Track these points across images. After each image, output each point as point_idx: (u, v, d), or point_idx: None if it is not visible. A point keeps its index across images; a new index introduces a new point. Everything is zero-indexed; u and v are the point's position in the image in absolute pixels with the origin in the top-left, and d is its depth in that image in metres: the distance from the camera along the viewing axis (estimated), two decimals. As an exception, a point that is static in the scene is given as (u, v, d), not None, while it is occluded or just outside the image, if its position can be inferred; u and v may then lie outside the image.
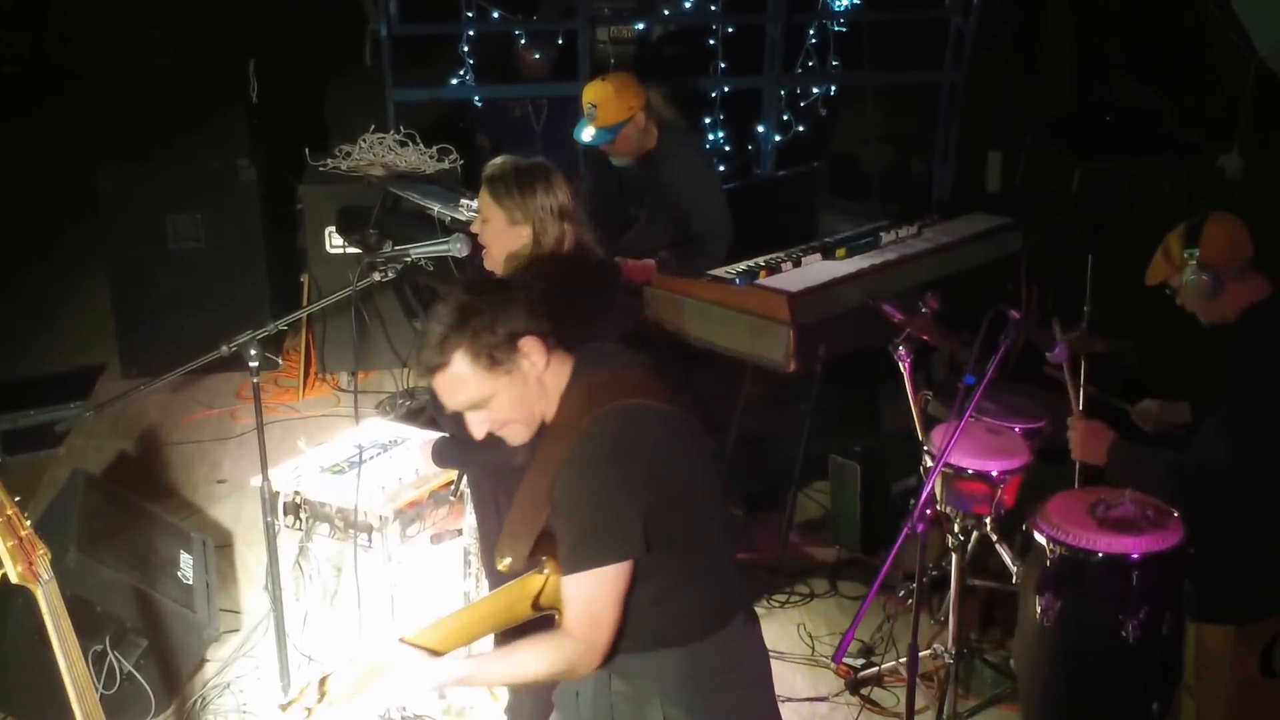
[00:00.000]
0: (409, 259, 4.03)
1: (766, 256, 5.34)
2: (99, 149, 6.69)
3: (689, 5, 7.93)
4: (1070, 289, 5.37)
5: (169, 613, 4.47)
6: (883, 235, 5.59)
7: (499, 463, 3.54)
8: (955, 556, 4.35)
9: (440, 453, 3.73)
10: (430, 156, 6.74)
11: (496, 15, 7.71)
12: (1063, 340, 4.01)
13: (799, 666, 4.63)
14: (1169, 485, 3.69)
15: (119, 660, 4.24)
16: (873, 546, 5.26)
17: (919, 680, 4.08)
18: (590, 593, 2.60)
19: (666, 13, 8.01)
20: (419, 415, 5.78)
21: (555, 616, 2.79)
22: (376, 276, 4.00)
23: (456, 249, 3.89)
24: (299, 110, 8.35)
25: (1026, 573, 3.86)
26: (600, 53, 7.69)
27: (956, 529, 4.35)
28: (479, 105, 8.06)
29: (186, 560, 4.84)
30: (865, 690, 4.53)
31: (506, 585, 2.79)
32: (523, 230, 3.54)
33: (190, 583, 4.74)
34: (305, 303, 6.59)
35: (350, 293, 4.02)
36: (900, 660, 4.47)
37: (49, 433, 6.30)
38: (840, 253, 5.38)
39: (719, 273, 5.16)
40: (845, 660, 4.57)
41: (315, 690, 2.56)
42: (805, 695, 4.50)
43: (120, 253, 6.81)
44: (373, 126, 6.89)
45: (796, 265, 5.29)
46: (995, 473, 4.22)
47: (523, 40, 8.11)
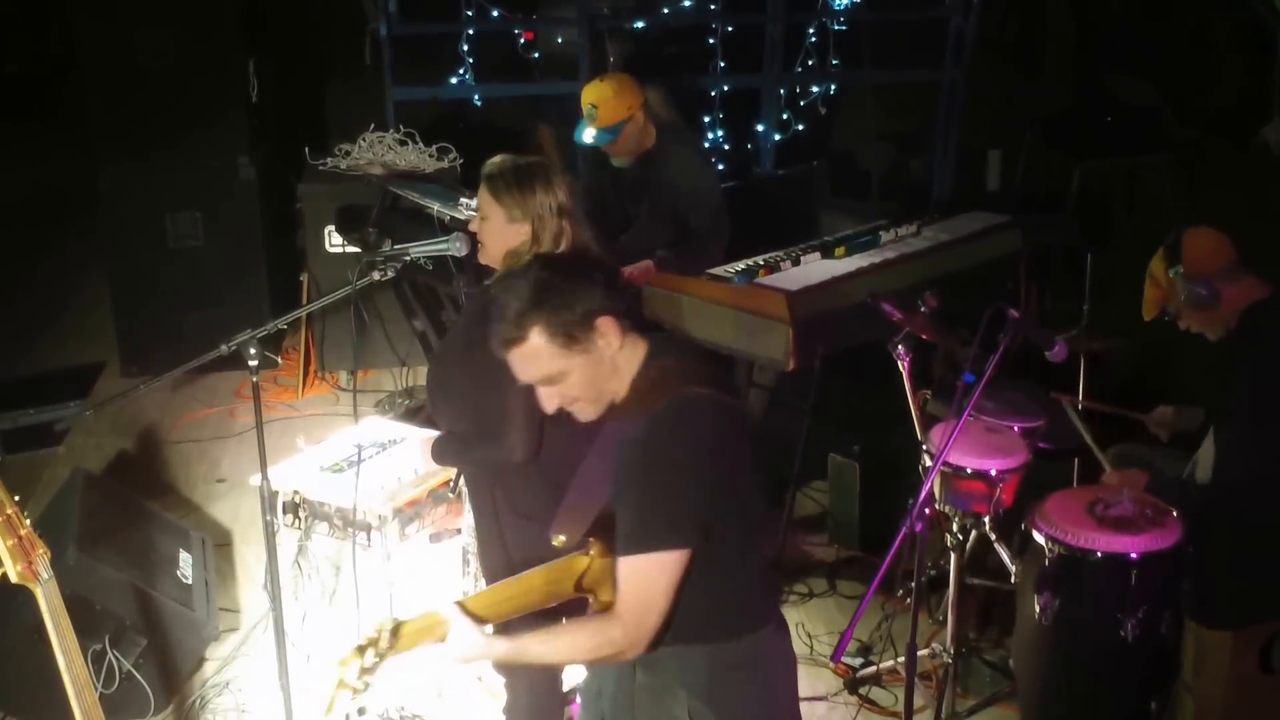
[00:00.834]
0: (408, 258, 4.02)
1: (766, 255, 5.34)
2: (99, 148, 6.70)
3: (689, 4, 7.93)
4: (1069, 288, 5.37)
5: (168, 611, 4.48)
6: (882, 234, 5.59)
7: (498, 461, 3.54)
8: (954, 555, 4.35)
9: (439, 451, 3.73)
10: (429, 155, 6.74)
11: (496, 14, 7.71)
12: (1061, 339, 4.01)
13: (798, 666, 4.63)
14: (1202, 512, 3.69)
15: (118, 659, 4.24)
16: (871, 545, 5.26)
17: (917, 679, 4.08)
18: (646, 577, 2.59)
19: (666, 11, 8.01)
20: (418, 414, 5.79)
21: (590, 600, 2.78)
22: (376, 275, 3.99)
23: (456, 248, 3.89)
24: (299, 109, 8.36)
25: (1025, 572, 3.87)
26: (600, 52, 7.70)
27: (955, 528, 4.35)
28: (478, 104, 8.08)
29: (186, 559, 4.84)
30: (864, 689, 4.53)
31: (553, 563, 2.78)
32: (521, 228, 3.54)
33: (189, 581, 4.75)
34: (304, 301, 6.60)
35: (349, 291, 4.01)
36: (899, 659, 4.48)
37: (49, 431, 6.31)
38: (839, 251, 5.38)
39: (718, 271, 5.16)
40: (844, 659, 4.57)
41: (390, 639, 2.50)
42: (804, 695, 4.44)
43: (120, 251, 6.82)
44: (372, 125, 6.90)
45: (796, 264, 5.29)
46: (994, 471, 4.22)
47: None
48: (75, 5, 6.65)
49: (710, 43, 7.80)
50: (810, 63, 7.90)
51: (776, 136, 7.93)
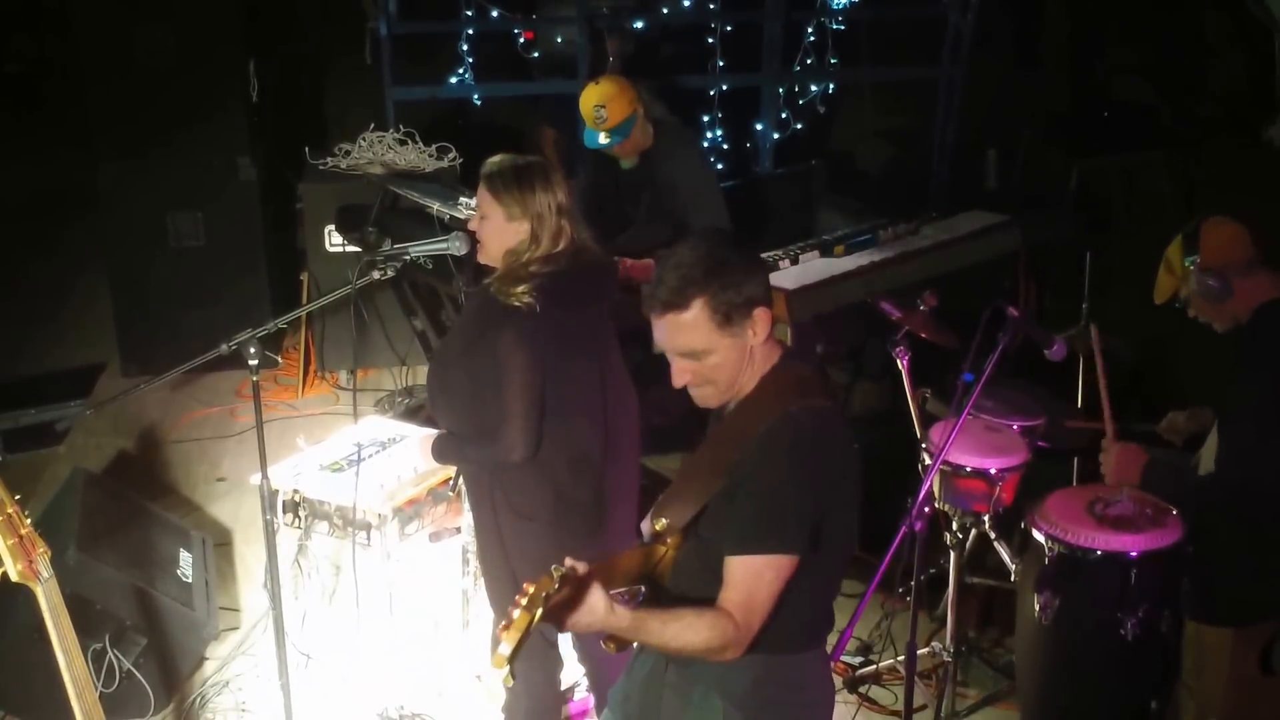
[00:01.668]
0: (408, 257, 4.03)
1: (765, 254, 5.34)
2: (99, 147, 6.69)
3: (688, 3, 7.93)
4: (1068, 285, 5.38)
5: (168, 611, 4.48)
6: (881, 232, 5.60)
7: (496, 460, 3.54)
8: (954, 554, 4.35)
9: (439, 450, 3.73)
10: (429, 155, 6.73)
11: (496, 14, 7.71)
12: (1060, 338, 4.01)
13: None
14: (1201, 505, 3.69)
15: (118, 658, 4.25)
16: (871, 544, 5.23)
17: (917, 678, 4.09)
18: (759, 577, 2.57)
19: (665, 11, 8.01)
20: (418, 413, 5.79)
21: (643, 588, 2.75)
22: (376, 275, 4.00)
23: (456, 247, 3.89)
24: (299, 108, 8.36)
25: (1025, 570, 3.87)
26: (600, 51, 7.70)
27: (955, 527, 4.35)
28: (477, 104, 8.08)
29: (186, 558, 4.84)
30: (863, 688, 4.53)
31: (642, 546, 2.76)
32: (520, 226, 3.54)
33: (189, 581, 4.75)
34: (305, 301, 6.59)
35: (350, 291, 4.01)
36: (898, 658, 4.47)
37: (49, 431, 6.31)
38: (838, 250, 5.39)
39: (718, 270, 5.16)
40: (843, 658, 4.57)
41: (565, 588, 2.39)
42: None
43: (120, 251, 6.82)
44: (372, 125, 6.89)
45: (795, 262, 5.30)
46: (994, 470, 4.23)
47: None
48: (75, 5, 6.65)
49: (709, 42, 7.80)
50: (809, 61, 7.89)
51: (775, 135, 7.92)
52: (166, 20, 6.54)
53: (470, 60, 7.63)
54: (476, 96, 7.97)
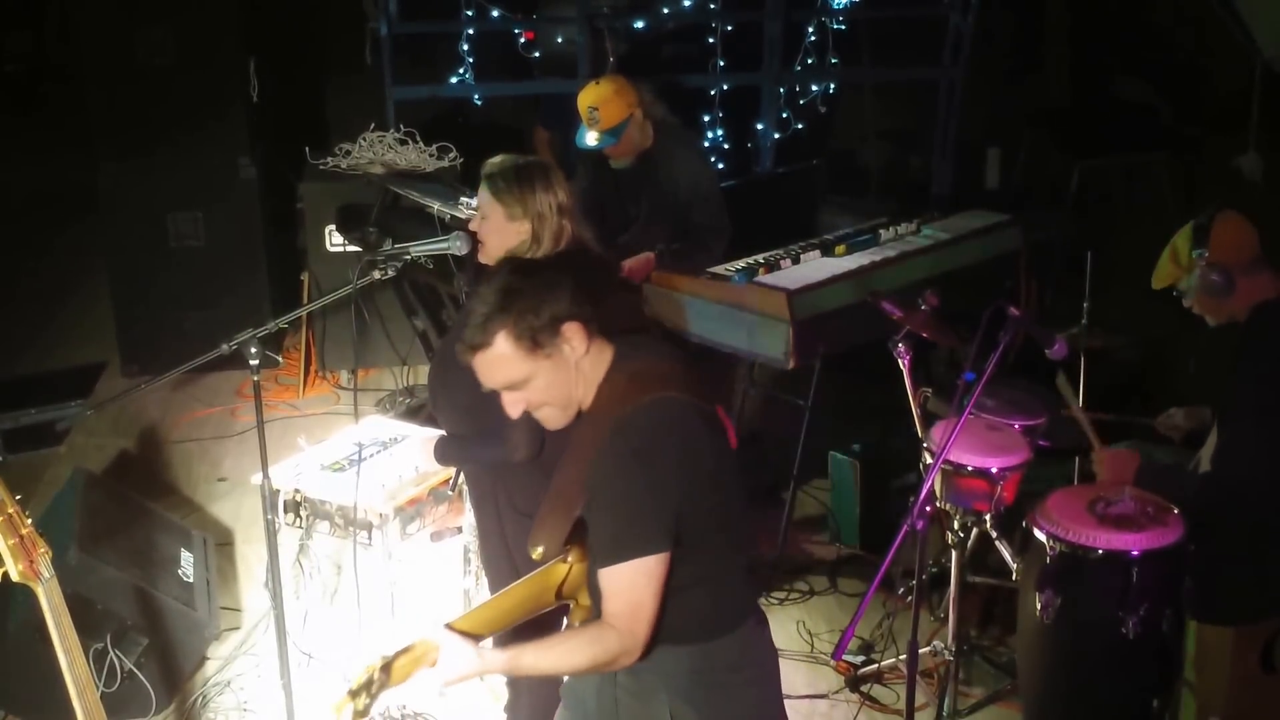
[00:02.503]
0: (409, 257, 4.02)
1: (765, 254, 5.35)
2: (99, 147, 6.70)
3: (688, 3, 7.93)
4: (1069, 285, 5.37)
5: (170, 610, 4.48)
6: (882, 232, 5.59)
7: (499, 460, 3.54)
8: (955, 553, 4.35)
9: (441, 451, 3.73)
10: (430, 154, 6.74)
11: (496, 14, 7.71)
12: (1061, 337, 4.01)
13: (799, 664, 4.63)
14: (1197, 504, 3.69)
15: (120, 658, 4.25)
16: (872, 543, 5.26)
17: (919, 677, 4.09)
18: (632, 583, 2.60)
19: (665, 10, 8.01)
20: (419, 413, 5.79)
21: (572, 605, 2.80)
22: (376, 274, 3.99)
23: (456, 247, 3.89)
24: (299, 108, 8.36)
25: (1026, 569, 3.86)
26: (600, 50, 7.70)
27: (956, 526, 4.35)
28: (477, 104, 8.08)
29: (187, 558, 4.84)
30: (865, 687, 4.53)
31: (533, 574, 2.79)
32: (521, 226, 3.54)
33: (191, 580, 4.75)
34: (305, 301, 6.59)
35: (350, 291, 4.01)
36: (900, 657, 4.48)
37: (50, 431, 6.31)
38: (839, 250, 5.39)
39: (718, 270, 5.17)
40: (845, 657, 4.57)
41: (381, 677, 2.53)
42: (805, 692, 4.50)
43: (121, 251, 6.82)
44: (372, 125, 6.89)
45: (795, 262, 5.30)
46: (995, 469, 4.23)
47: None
48: (75, 5, 6.65)
49: (710, 41, 7.80)
50: (809, 61, 7.89)
51: (776, 135, 7.92)
52: (166, 21, 6.55)
53: (470, 60, 7.63)
54: (477, 96, 7.97)
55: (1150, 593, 3.59)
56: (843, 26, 7.89)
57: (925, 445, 4.38)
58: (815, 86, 8.05)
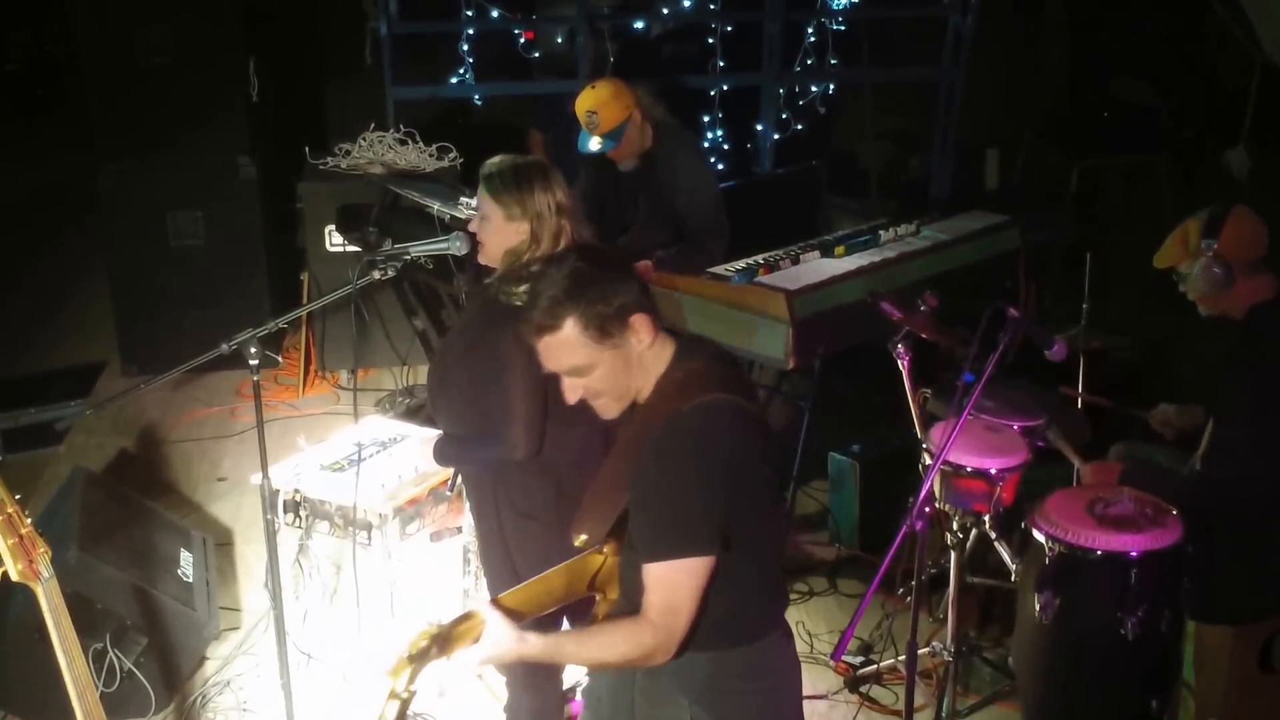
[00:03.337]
0: (409, 257, 4.02)
1: (765, 254, 5.35)
2: (100, 147, 6.70)
3: (688, 3, 7.94)
4: (1068, 286, 5.38)
5: (169, 610, 4.48)
6: (881, 233, 5.60)
7: (498, 460, 3.54)
8: (954, 554, 4.35)
9: (441, 451, 3.73)
10: (430, 155, 6.74)
11: (496, 14, 7.71)
12: (1060, 338, 4.01)
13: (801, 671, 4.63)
14: (1185, 503, 3.69)
15: (119, 658, 4.25)
16: (871, 544, 5.27)
17: (918, 678, 4.09)
18: (673, 582, 2.58)
19: (666, 11, 8.02)
20: (418, 413, 5.79)
21: (598, 598, 2.79)
22: (376, 274, 3.99)
23: (456, 247, 3.89)
24: (299, 108, 8.36)
25: (1025, 570, 3.87)
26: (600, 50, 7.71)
27: (955, 527, 4.35)
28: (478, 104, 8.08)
29: (186, 558, 4.84)
30: (864, 688, 4.53)
31: (571, 561, 2.79)
32: (520, 227, 3.54)
33: (190, 580, 4.75)
34: (305, 300, 6.60)
35: (350, 291, 4.01)
36: (899, 658, 4.48)
37: (49, 430, 6.31)
38: (839, 250, 5.39)
39: (718, 270, 5.17)
40: (844, 658, 4.57)
41: (437, 646, 2.47)
42: (804, 693, 4.48)
43: (121, 250, 6.83)
44: (372, 125, 6.90)
45: (795, 263, 5.30)
46: (994, 470, 4.23)
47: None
48: (75, 5, 6.65)
49: (709, 42, 7.80)
50: (809, 62, 7.90)
51: (776, 135, 7.93)
52: (166, 21, 6.55)
53: (470, 60, 7.64)
54: (477, 96, 7.98)
55: (1149, 594, 3.60)
56: (842, 27, 7.90)
57: (924, 446, 4.38)
58: (815, 87, 8.06)
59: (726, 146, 7.88)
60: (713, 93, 7.80)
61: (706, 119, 7.79)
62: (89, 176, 6.75)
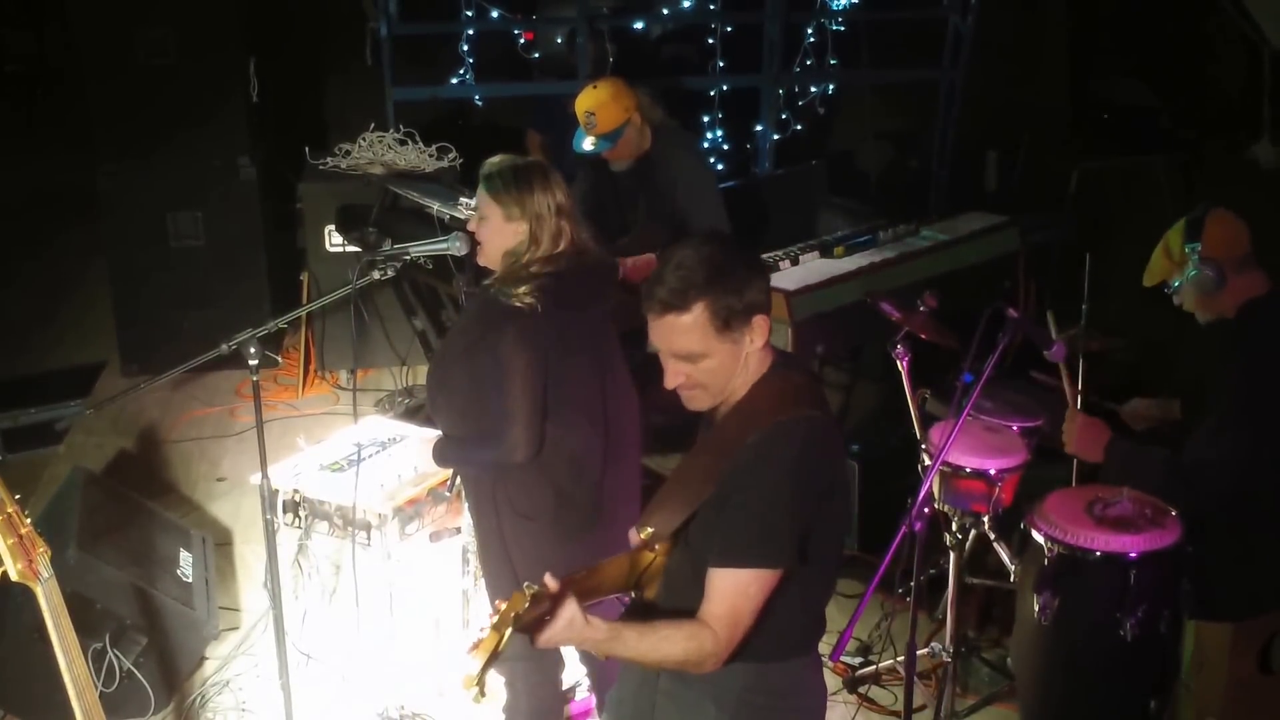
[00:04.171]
0: (408, 257, 4.03)
1: (765, 254, 5.34)
2: (99, 147, 6.70)
3: (688, 4, 7.94)
4: (1068, 287, 5.38)
5: (168, 610, 4.48)
6: (881, 234, 5.60)
7: (498, 461, 3.54)
8: (953, 555, 4.36)
9: (440, 452, 3.73)
10: (430, 155, 6.74)
11: (496, 14, 7.71)
12: (1059, 338, 4.01)
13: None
14: (1165, 483, 3.70)
15: (118, 658, 4.25)
16: (870, 545, 5.26)
17: (917, 678, 4.09)
18: (744, 591, 2.57)
19: (665, 11, 8.02)
20: (418, 413, 5.79)
21: (633, 595, 2.76)
22: (376, 275, 4.00)
23: (456, 247, 3.90)
24: (299, 108, 8.36)
25: (1024, 571, 3.87)
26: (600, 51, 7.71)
27: (954, 527, 4.35)
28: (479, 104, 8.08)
29: (186, 558, 4.84)
30: (863, 688, 4.53)
31: (625, 555, 2.76)
32: (519, 227, 3.55)
33: (190, 580, 4.75)
34: (305, 301, 6.60)
35: (350, 291, 4.02)
36: (898, 659, 4.48)
37: (49, 430, 6.32)
38: (838, 251, 5.39)
39: (718, 271, 5.16)
40: (843, 659, 4.57)
41: (532, 607, 2.39)
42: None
43: (120, 250, 6.82)
44: (372, 125, 6.90)
45: (795, 263, 5.30)
46: (993, 471, 4.23)
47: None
48: (75, 5, 6.65)
49: (709, 42, 7.81)
50: (809, 62, 7.90)
51: (775, 136, 7.92)
52: (166, 20, 6.54)
53: (470, 61, 7.64)
54: (477, 97, 7.98)
55: (1148, 594, 3.60)
56: (842, 28, 7.90)
57: (924, 446, 4.39)
58: (815, 88, 8.06)
59: (726, 147, 7.88)
60: (712, 93, 7.80)
61: (706, 120, 7.79)
62: (89, 176, 6.74)
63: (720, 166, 7.59)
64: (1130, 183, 8.43)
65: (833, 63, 7.87)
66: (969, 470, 4.24)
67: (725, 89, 7.85)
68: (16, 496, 2.89)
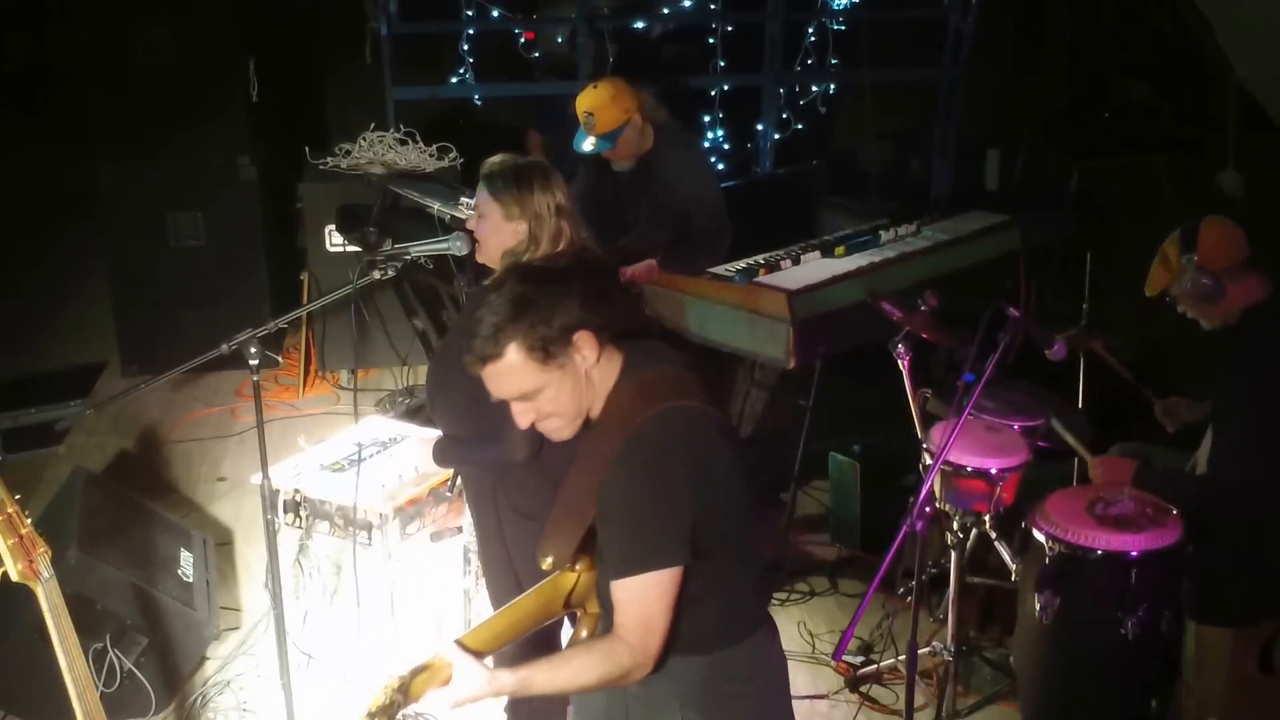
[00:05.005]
0: (409, 257, 4.03)
1: (766, 254, 5.34)
2: (99, 147, 6.71)
3: (689, 3, 7.94)
4: (1069, 286, 5.38)
5: (169, 610, 4.48)
6: (882, 233, 5.59)
7: (498, 461, 3.54)
8: (954, 554, 4.35)
9: (440, 452, 3.73)
10: (430, 155, 6.74)
11: (496, 14, 7.71)
12: (1060, 338, 4.01)
13: (799, 664, 4.63)
14: (1195, 508, 3.69)
15: (119, 658, 4.25)
16: (872, 544, 5.26)
17: (918, 678, 4.09)
18: (644, 597, 2.56)
19: (666, 11, 8.02)
20: (418, 413, 5.79)
21: (579, 614, 2.77)
22: (376, 274, 4.00)
23: (456, 247, 3.89)
24: (299, 108, 8.37)
25: (1025, 570, 3.87)
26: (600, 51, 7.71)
27: (956, 526, 4.35)
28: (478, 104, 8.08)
29: (187, 558, 4.84)
30: (865, 688, 4.53)
31: (542, 584, 2.76)
32: (519, 226, 3.54)
33: (190, 580, 4.75)
34: (305, 301, 6.60)
35: (350, 291, 4.02)
36: (900, 658, 4.48)
37: (49, 431, 6.29)
38: (839, 250, 5.39)
39: (719, 270, 5.17)
40: (845, 658, 4.58)
41: (398, 698, 2.45)
42: (805, 693, 4.50)
43: (120, 250, 6.83)
44: (373, 125, 6.90)
45: (796, 263, 5.30)
46: (994, 470, 4.23)
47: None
48: (75, 5, 6.65)
49: (710, 42, 7.81)
50: (810, 62, 7.90)
51: (776, 135, 7.93)
52: (166, 21, 6.55)
53: (471, 60, 7.64)
54: (477, 97, 7.98)
55: (1149, 593, 3.60)
56: (843, 27, 7.90)
57: (925, 446, 4.39)
58: (815, 87, 8.06)
59: (727, 146, 7.89)
60: (713, 93, 7.80)
61: (707, 119, 7.79)
62: (89, 176, 6.75)
63: (721, 166, 7.59)
64: (1131, 182, 8.44)
65: (833, 62, 7.88)
66: (970, 469, 4.24)
67: (726, 88, 7.85)
68: (17, 497, 2.89)
